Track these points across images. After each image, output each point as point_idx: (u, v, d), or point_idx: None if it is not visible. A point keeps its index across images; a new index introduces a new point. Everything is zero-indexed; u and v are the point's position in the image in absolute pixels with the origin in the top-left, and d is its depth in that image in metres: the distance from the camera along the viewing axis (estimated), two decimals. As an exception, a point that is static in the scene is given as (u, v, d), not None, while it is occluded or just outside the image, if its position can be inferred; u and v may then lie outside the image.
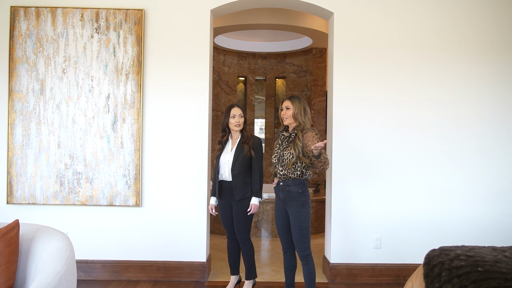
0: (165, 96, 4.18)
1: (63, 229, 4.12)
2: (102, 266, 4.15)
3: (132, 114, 4.12)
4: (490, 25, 4.22)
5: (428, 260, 2.37)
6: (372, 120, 4.20)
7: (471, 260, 1.99)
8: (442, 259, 2.21)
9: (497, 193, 4.21)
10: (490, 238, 4.17)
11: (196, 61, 4.17)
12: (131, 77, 4.12)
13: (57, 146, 4.10)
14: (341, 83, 4.21)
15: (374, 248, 4.20)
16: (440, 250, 2.41)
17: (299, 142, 3.28)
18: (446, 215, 4.20)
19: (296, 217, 3.28)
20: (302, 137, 3.29)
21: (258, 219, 6.12)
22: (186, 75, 4.17)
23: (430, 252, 2.49)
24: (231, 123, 3.73)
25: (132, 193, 4.13)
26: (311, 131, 3.30)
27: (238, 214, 3.69)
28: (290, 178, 3.33)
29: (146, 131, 4.18)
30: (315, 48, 7.62)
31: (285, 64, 8.01)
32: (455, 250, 2.34)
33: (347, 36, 4.21)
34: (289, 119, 3.41)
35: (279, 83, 8.24)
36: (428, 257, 2.42)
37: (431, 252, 2.47)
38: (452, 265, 1.97)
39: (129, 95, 4.12)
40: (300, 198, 3.30)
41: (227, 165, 3.71)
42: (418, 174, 4.20)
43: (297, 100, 3.39)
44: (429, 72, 4.21)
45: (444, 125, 4.21)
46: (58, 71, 4.09)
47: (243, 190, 3.67)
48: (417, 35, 4.21)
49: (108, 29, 4.11)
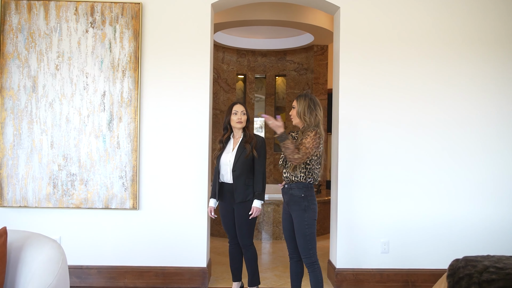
0: (163, 94, 3.99)
1: (56, 233, 3.93)
2: (98, 272, 3.96)
3: (129, 112, 3.93)
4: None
5: (453, 272, 2.18)
6: (380, 119, 4.03)
7: (502, 273, 1.82)
8: (469, 271, 2.03)
9: (506, 194, 4.04)
10: (501, 241, 4.02)
11: (196, 57, 3.98)
12: (128, 74, 3.92)
13: (50, 146, 3.90)
14: (348, 81, 4.03)
15: (381, 252, 4.03)
16: (465, 261, 2.21)
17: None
18: (456, 217, 4.03)
19: (299, 222, 3.11)
20: (302, 137, 3.11)
21: (259, 221, 5.94)
22: (186, 72, 3.98)
23: (454, 262, 2.29)
24: (232, 120, 3.55)
25: (129, 196, 3.94)
26: (311, 130, 3.09)
27: (240, 218, 3.51)
28: (293, 181, 3.16)
29: (144, 131, 3.99)
30: (317, 45, 7.44)
31: (285, 61, 7.83)
32: (482, 261, 2.15)
33: (354, 31, 4.03)
34: (295, 118, 3.23)
35: (279, 81, 8.05)
36: (453, 269, 2.22)
37: (455, 263, 2.27)
38: (482, 278, 1.80)
39: (125, 93, 3.92)
40: (302, 202, 3.12)
41: (228, 166, 3.53)
42: (428, 176, 4.03)
43: (303, 98, 3.21)
44: (442, 69, 4.03)
45: (455, 125, 4.04)
46: (51, 68, 3.89)
47: (244, 192, 3.49)
48: (426, 31, 4.04)
49: (104, 23, 3.92)
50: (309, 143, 3.01)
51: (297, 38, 7.54)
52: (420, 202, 4.03)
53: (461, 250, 4.01)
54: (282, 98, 8.01)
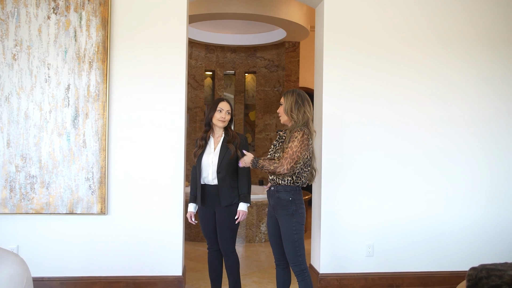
0: (135, 88, 3.66)
1: (13, 242, 3.54)
2: (61, 284, 3.59)
3: (97, 108, 3.58)
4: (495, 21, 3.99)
5: (474, 283, 1.97)
6: (366, 119, 3.85)
7: (534, 284, 1.65)
8: (495, 283, 1.83)
9: (497, 195, 3.98)
10: (493, 244, 3.97)
11: (171, 49, 3.68)
12: (95, 66, 3.57)
13: (6, 145, 3.49)
14: (332, 78, 3.83)
15: (366, 256, 3.86)
16: (486, 270, 2.01)
17: (286, 145, 2.88)
18: (443, 219, 3.93)
19: (287, 227, 2.88)
20: (290, 138, 2.88)
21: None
22: (160, 64, 3.67)
23: (472, 272, 2.07)
24: (215, 117, 3.28)
25: (97, 199, 3.59)
26: (298, 131, 2.84)
27: (224, 223, 3.25)
28: (279, 184, 2.93)
29: (113, 128, 3.64)
30: (288, 41, 7.25)
31: (255, 58, 7.60)
32: (506, 270, 1.97)
33: (338, 25, 3.84)
34: (282, 116, 2.99)
35: (249, 78, 7.82)
36: (473, 279, 2.01)
37: (474, 272, 2.06)
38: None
39: (93, 86, 3.57)
40: (290, 206, 2.90)
41: (210, 167, 3.25)
42: (413, 177, 3.90)
43: (290, 94, 2.97)
44: (429, 66, 3.91)
45: (445, 126, 3.92)
46: (7, 57, 3.49)
47: (230, 195, 3.23)
48: (414, 25, 3.90)
49: (68, 9, 3.54)
50: (296, 147, 2.78)
51: (268, 34, 7.32)
52: (407, 203, 3.90)
53: (448, 252, 3.92)
54: (252, 96, 7.77)
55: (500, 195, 3.97)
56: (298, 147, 2.78)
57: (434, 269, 3.92)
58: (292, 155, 2.77)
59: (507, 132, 3.99)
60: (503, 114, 3.99)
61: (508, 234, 3.94)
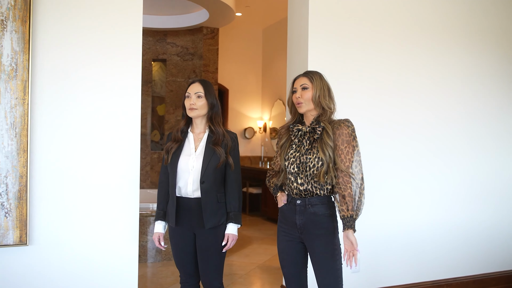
0: (71, 60, 2.58)
1: None
2: None
3: (13, 89, 2.42)
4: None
5: None
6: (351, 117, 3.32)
7: None
8: None
9: (489, 197, 3.82)
10: (486, 248, 3.78)
11: (121, 8, 2.69)
12: (10, 27, 2.41)
13: None
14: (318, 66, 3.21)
15: (351, 272, 3.33)
16: None
17: (329, 141, 2.16)
18: (431, 225, 3.61)
19: (328, 252, 2.18)
20: (333, 133, 2.19)
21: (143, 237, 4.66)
22: (106, 28, 2.65)
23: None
24: (185, 106, 2.42)
25: (13, 224, 2.43)
26: (344, 127, 2.19)
27: (209, 249, 2.39)
28: (313, 195, 2.21)
29: (38, 119, 2.51)
30: (206, 27, 6.44)
31: (165, 44, 6.62)
32: None
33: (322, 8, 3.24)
34: (308, 104, 2.24)
35: (157, 67, 6.80)
36: None
37: None
38: None
39: (6, 57, 2.40)
40: (331, 223, 2.21)
41: (191, 175, 2.36)
42: (400, 181, 3.51)
43: (318, 77, 2.27)
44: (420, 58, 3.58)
45: (437, 126, 3.64)
46: None
47: (217, 213, 2.38)
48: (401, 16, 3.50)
49: None
50: (352, 146, 2.20)
51: (181, 17, 6.41)
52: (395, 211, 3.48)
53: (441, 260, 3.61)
54: (161, 87, 6.78)
55: (494, 197, 3.83)
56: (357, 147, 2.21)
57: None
58: (347, 155, 2.10)
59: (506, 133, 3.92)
60: (494, 115, 3.90)
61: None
